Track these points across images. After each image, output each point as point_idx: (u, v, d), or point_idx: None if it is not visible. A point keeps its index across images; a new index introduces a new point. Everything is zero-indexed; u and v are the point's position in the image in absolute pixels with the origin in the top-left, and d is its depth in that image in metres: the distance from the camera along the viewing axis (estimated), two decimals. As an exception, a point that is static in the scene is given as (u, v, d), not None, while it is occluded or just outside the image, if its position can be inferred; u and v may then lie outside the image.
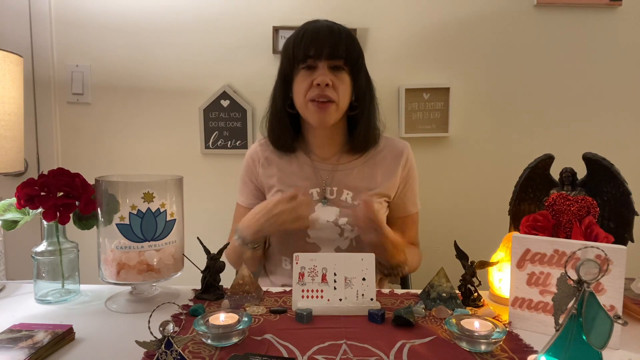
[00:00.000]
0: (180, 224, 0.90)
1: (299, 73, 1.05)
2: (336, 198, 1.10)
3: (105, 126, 1.66)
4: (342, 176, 1.12)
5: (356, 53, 1.05)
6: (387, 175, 1.13)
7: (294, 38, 1.04)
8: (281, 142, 1.14)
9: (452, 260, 0.93)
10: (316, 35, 1.01)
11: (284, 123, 1.12)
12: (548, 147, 1.18)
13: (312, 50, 1.01)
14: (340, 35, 1.02)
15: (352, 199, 1.10)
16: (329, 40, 1.01)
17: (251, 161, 1.19)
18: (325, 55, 1.01)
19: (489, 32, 1.63)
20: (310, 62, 1.02)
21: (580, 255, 0.59)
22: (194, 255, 0.93)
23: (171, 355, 0.56)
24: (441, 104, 1.63)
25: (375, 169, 1.13)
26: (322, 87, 1.01)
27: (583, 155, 0.94)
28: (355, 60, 1.05)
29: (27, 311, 0.85)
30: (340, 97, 1.04)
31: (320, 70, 1.02)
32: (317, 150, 1.15)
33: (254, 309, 0.83)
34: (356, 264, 0.85)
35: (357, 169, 1.13)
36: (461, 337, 0.69)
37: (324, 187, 1.11)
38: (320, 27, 1.03)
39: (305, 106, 1.05)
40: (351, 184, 1.11)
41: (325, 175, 1.12)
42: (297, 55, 1.03)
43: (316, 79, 1.01)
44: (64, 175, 0.89)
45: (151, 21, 1.61)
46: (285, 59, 1.07)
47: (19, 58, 1.09)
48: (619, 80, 1.65)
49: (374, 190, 1.11)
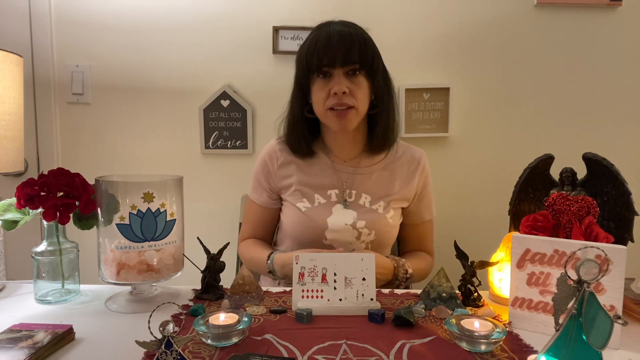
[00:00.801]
0: (180, 224, 0.90)
1: (315, 82, 1.04)
2: (355, 201, 1.10)
3: (105, 126, 1.66)
4: (362, 180, 1.12)
5: (370, 55, 1.03)
6: (404, 183, 1.13)
7: (307, 47, 1.04)
8: (299, 148, 1.13)
9: (452, 260, 0.93)
10: (328, 42, 1.00)
11: (301, 130, 1.11)
12: (548, 147, 1.18)
13: (326, 59, 1.00)
14: (352, 40, 1.01)
15: (370, 203, 1.10)
16: (342, 47, 1.00)
17: (268, 159, 1.17)
18: (340, 62, 1.00)
19: (489, 32, 1.63)
20: (324, 70, 1.02)
21: (580, 255, 0.59)
22: (194, 255, 0.93)
23: (171, 355, 0.56)
24: (441, 104, 1.63)
25: (394, 175, 1.13)
26: (340, 95, 1.00)
27: (583, 155, 0.94)
28: (370, 62, 1.04)
29: (27, 311, 0.85)
30: (359, 102, 1.03)
31: (336, 79, 1.01)
32: (337, 151, 1.14)
33: (254, 309, 0.83)
34: (356, 264, 0.84)
35: (376, 173, 1.13)
36: (461, 337, 0.69)
37: (343, 189, 1.11)
38: (332, 33, 1.01)
39: (325, 114, 1.05)
40: (370, 189, 1.11)
41: (345, 177, 1.12)
42: (311, 64, 1.02)
43: (333, 88, 1.00)
44: (64, 175, 0.89)
45: (151, 21, 1.61)
46: (300, 68, 1.07)
47: (19, 58, 1.09)
48: (619, 80, 1.65)
49: (392, 196, 1.11)
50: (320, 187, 1.11)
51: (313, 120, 1.12)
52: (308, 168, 1.14)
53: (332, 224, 1.07)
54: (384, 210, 1.10)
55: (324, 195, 1.11)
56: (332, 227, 1.07)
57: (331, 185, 1.11)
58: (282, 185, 1.15)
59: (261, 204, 1.18)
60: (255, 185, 1.20)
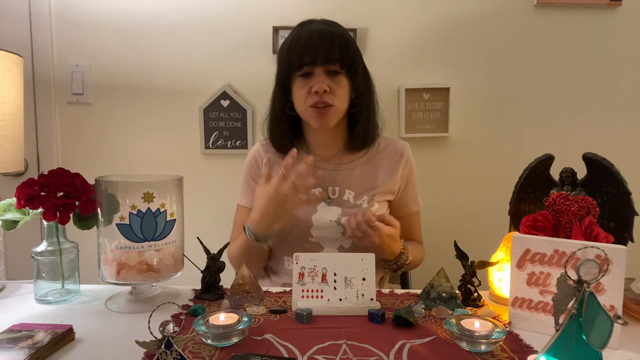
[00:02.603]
0: (180, 224, 0.90)
1: (296, 80, 1.05)
2: (338, 198, 1.11)
3: (105, 126, 1.66)
4: (344, 176, 1.12)
5: (351, 55, 1.04)
6: (388, 175, 1.13)
7: (288, 45, 1.04)
8: (282, 145, 1.14)
9: (452, 260, 0.93)
10: (309, 41, 1.01)
11: (283, 126, 1.13)
12: (548, 147, 1.18)
13: (307, 57, 1.01)
14: (333, 38, 1.01)
15: (354, 198, 1.10)
16: (323, 46, 1.00)
17: (254, 161, 1.19)
18: (320, 61, 1.01)
19: (489, 32, 1.63)
20: (306, 69, 1.02)
21: (580, 255, 0.59)
22: (194, 255, 0.93)
23: (171, 355, 0.56)
24: (441, 104, 1.63)
25: (377, 169, 1.14)
26: (320, 93, 1.01)
27: (583, 155, 0.94)
28: (351, 62, 1.04)
29: (27, 311, 0.85)
30: (339, 100, 1.04)
31: (316, 77, 1.02)
32: (318, 150, 1.15)
33: (254, 309, 0.83)
34: (356, 264, 0.85)
35: (359, 168, 1.13)
36: (461, 337, 0.69)
37: (325, 187, 1.11)
38: (313, 31, 1.02)
39: (305, 112, 1.06)
40: (353, 184, 1.11)
41: (327, 175, 1.12)
42: (292, 62, 1.03)
43: (314, 87, 1.01)
44: (64, 175, 0.89)
45: (151, 21, 1.61)
46: (281, 66, 1.08)
47: (19, 58, 1.09)
48: (619, 80, 1.65)
49: (376, 190, 1.11)
50: None
51: (295, 119, 1.13)
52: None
53: (317, 222, 1.07)
54: (368, 204, 1.10)
55: None
56: (317, 225, 1.07)
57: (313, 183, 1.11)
58: None
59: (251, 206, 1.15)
60: (244, 189, 1.20)
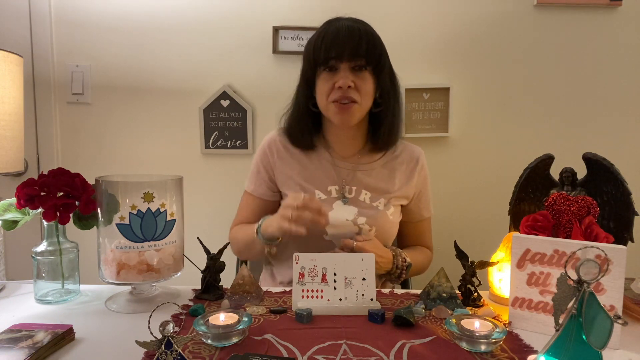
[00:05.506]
0: (180, 224, 0.90)
1: (321, 75, 1.05)
2: (355, 197, 1.10)
3: (105, 126, 1.66)
4: (362, 176, 1.12)
5: (378, 52, 1.04)
6: (404, 181, 1.14)
7: (315, 40, 1.04)
8: (301, 140, 1.13)
9: (452, 260, 0.93)
10: (336, 36, 1.01)
11: (305, 122, 1.12)
12: (548, 147, 1.18)
13: (333, 52, 1.00)
14: (360, 35, 1.01)
15: (370, 199, 1.10)
16: (350, 41, 1.00)
17: (268, 149, 1.16)
18: (347, 56, 1.00)
19: (489, 32, 1.63)
20: (331, 64, 1.02)
21: (580, 255, 0.59)
22: (194, 255, 0.93)
23: (171, 355, 0.56)
24: (441, 104, 1.63)
25: (393, 173, 1.14)
26: (344, 89, 1.01)
27: (583, 155, 0.94)
28: (377, 59, 1.04)
29: (27, 311, 0.85)
30: (363, 97, 1.03)
31: (341, 73, 1.01)
32: (337, 147, 1.14)
33: (254, 309, 0.83)
34: (356, 264, 0.85)
35: (376, 170, 1.13)
36: (461, 337, 0.69)
37: (343, 185, 1.11)
38: (340, 27, 1.02)
39: (327, 107, 1.05)
40: (370, 185, 1.11)
41: (345, 174, 1.12)
42: (318, 57, 1.03)
43: (338, 82, 1.01)
44: (64, 175, 0.89)
45: (151, 21, 1.61)
46: (307, 61, 1.07)
47: (19, 58, 1.09)
48: (619, 80, 1.65)
49: (392, 194, 1.12)
50: (320, 183, 1.11)
51: (316, 115, 1.12)
52: (308, 163, 1.13)
53: (333, 220, 1.06)
54: (384, 207, 1.10)
55: (324, 191, 1.11)
56: (333, 223, 1.06)
57: (331, 181, 1.11)
58: (281, 177, 1.14)
59: (259, 195, 1.16)
60: (254, 176, 1.18)
